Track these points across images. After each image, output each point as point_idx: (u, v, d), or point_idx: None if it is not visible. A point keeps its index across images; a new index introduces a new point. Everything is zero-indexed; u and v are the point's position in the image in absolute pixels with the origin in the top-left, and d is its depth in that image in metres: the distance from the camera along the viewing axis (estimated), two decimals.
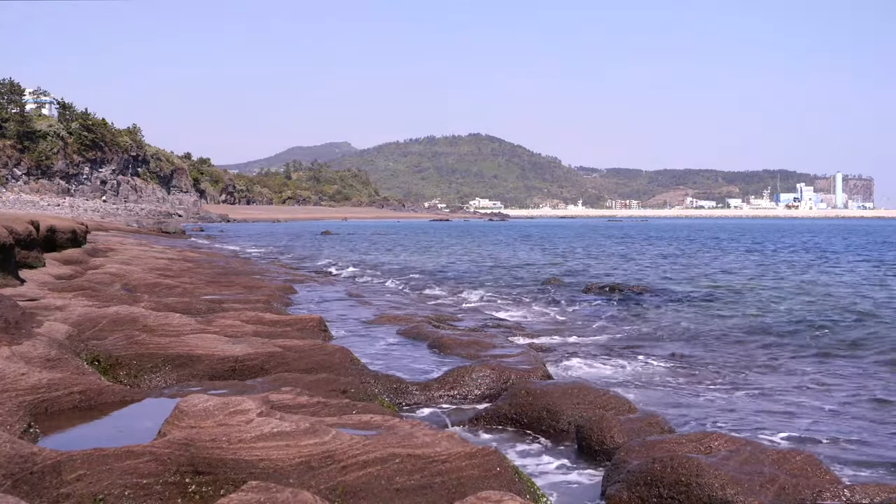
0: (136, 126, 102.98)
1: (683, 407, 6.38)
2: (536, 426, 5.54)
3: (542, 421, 5.56)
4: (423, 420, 5.39)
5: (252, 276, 16.06)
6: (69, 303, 8.22)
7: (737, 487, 3.91)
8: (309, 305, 12.07)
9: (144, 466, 3.40)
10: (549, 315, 11.85)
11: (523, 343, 9.17)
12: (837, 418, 6.11)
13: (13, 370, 4.50)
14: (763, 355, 8.60)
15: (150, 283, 12.03)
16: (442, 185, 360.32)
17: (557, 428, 5.48)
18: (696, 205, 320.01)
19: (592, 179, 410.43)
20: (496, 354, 7.66)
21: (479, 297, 14.59)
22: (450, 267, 22.89)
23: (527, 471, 4.35)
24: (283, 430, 3.70)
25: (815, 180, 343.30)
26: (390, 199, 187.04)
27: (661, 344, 9.35)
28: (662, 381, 7.34)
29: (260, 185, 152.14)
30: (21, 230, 10.98)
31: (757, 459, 4.14)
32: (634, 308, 12.67)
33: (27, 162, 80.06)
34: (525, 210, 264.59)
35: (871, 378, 7.57)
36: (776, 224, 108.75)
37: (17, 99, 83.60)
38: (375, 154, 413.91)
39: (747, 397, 6.80)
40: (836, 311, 12.35)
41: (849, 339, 9.64)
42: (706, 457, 4.23)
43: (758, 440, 4.96)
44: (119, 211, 70.86)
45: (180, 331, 7.10)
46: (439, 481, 3.55)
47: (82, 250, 15.98)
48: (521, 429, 5.54)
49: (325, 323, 9.09)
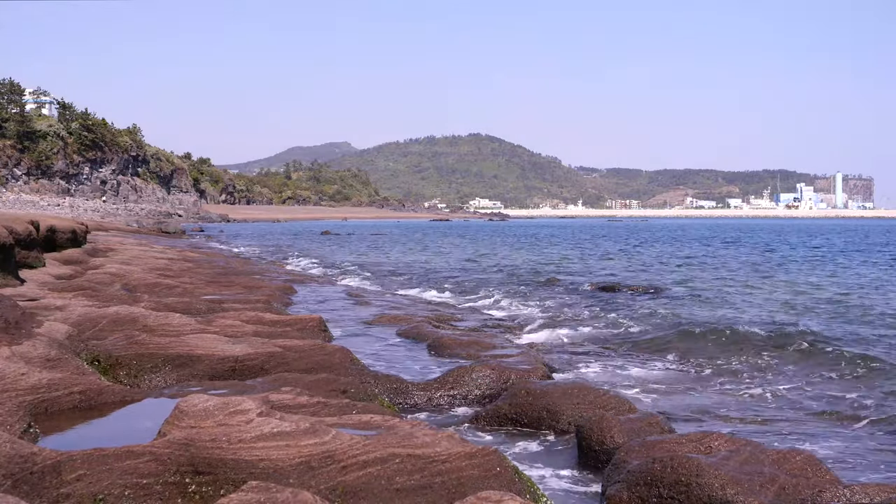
0: (136, 126, 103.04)
1: (684, 407, 6.38)
2: (536, 426, 5.54)
3: (542, 421, 5.56)
4: (423, 420, 5.39)
5: (252, 276, 16.06)
6: (69, 303, 8.22)
7: (737, 487, 3.91)
8: (309, 305, 12.07)
9: (144, 466, 3.40)
10: (550, 314, 11.84)
11: (524, 343, 9.17)
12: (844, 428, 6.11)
13: (13, 370, 4.50)
14: (768, 357, 8.58)
15: (150, 283, 12.03)
16: (442, 185, 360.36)
17: (557, 428, 5.48)
18: (696, 205, 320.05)
19: (592, 179, 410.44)
20: (496, 354, 7.67)
21: (479, 296, 14.60)
22: (450, 267, 22.90)
23: (526, 471, 4.34)
24: (283, 430, 3.70)
25: (815, 180, 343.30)
26: (390, 199, 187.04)
27: (661, 344, 9.34)
28: (663, 381, 7.34)
29: (260, 185, 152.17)
30: (21, 230, 10.98)
31: (757, 459, 4.14)
32: (635, 308, 12.67)
33: (27, 162, 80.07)
34: (525, 210, 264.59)
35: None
36: (777, 224, 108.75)
37: (17, 99, 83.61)
38: (375, 154, 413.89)
39: (749, 399, 6.80)
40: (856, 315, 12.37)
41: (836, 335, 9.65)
42: (706, 457, 4.23)
43: (758, 441, 4.96)
44: (119, 211, 70.87)
45: (180, 331, 7.10)
46: (439, 481, 3.54)
47: (82, 250, 15.99)
48: (521, 428, 5.54)
49: (325, 323, 9.09)
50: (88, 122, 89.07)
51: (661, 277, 18.97)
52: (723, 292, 15.34)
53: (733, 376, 7.67)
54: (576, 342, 9.51)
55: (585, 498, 4.33)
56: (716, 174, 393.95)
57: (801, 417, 6.17)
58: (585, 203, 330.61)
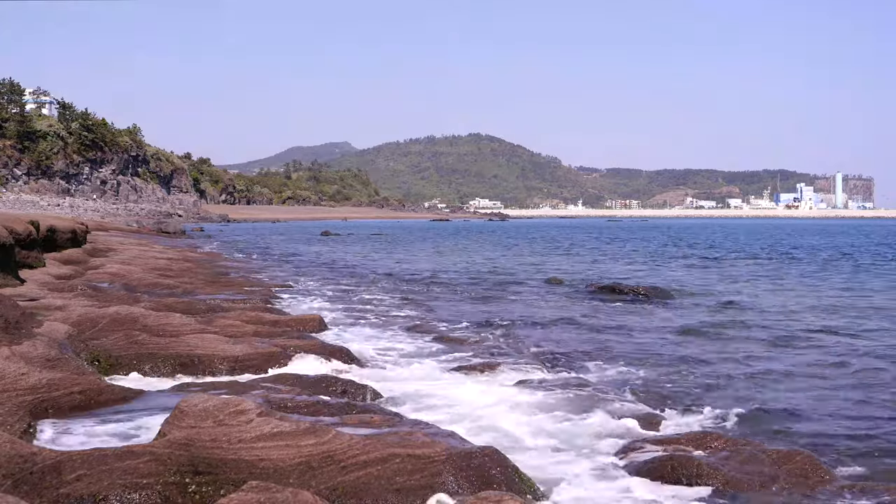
0: (136, 126, 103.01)
1: (686, 407, 6.37)
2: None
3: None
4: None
5: (252, 275, 16.07)
6: (69, 303, 8.22)
7: (737, 487, 3.91)
8: (309, 305, 12.07)
9: (144, 466, 3.40)
10: (550, 314, 11.84)
11: (523, 342, 9.17)
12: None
13: (13, 370, 4.50)
14: (773, 360, 8.57)
15: (150, 283, 12.04)
16: (442, 185, 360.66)
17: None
18: (696, 205, 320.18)
19: (592, 179, 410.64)
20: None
21: (479, 296, 14.59)
22: (449, 267, 22.90)
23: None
24: (283, 431, 3.70)
25: (815, 180, 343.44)
26: (390, 200, 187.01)
27: (662, 344, 9.34)
28: (663, 381, 7.33)
29: (260, 185, 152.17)
30: (21, 230, 10.98)
31: (757, 459, 4.15)
32: (635, 308, 12.67)
33: (27, 162, 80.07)
34: (525, 210, 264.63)
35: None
36: (779, 224, 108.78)
37: (17, 99, 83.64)
38: (375, 154, 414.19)
39: (751, 400, 6.79)
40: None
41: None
42: (706, 456, 4.23)
43: (758, 441, 4.95)
44: (119, 211, 70.88)
45: (180, 331, 7.11)
46: (439, 481, 3.55)
47: (82, 250, 15.99)
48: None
49: (325, 322, 9.10)
50: (88, 122, 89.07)
51: (664, 279, 18.95)
52: (725, 295, 15.33)
53: (738, 378, 7.66)
54: (576, 340, 9.49)
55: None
56: (716, 174, 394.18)
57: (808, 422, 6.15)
58: (585, 203, 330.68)
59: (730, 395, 6.50)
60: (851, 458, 4.75)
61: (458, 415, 5.37)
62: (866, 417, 5.80)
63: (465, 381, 6.46)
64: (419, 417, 4.91)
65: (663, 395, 6.48)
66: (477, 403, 5.69)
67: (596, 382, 6.75)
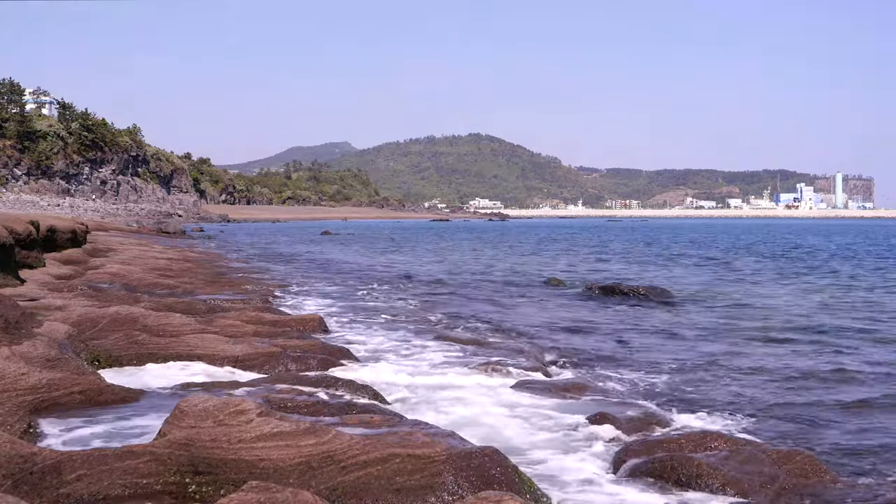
0: (136, 126, 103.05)
1: (686, 407, 6.37)
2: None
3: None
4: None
5: (252, 275, 16.08)
6: (69, 303, 8.22)
7: (737, 487, 3.91)
8: (309, 305, 12.06)
9: (144, 466, 3.40)
10: (551, 314, 11.84)
11: (524, 342, 9.16)
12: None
13: (13, 370, 4.50)
14: (773, 359, 8.57)
15: (150, 283, 12.04)
16: (442, 185, 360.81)
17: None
18: (696, 205, 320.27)
19: (592, 179, 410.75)
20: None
21: (479, 296, 14.59)
22: (449, 267, 22.90)
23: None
24: (282, 431, 3.70)
25: (815, 180, 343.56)
26: (390, 200, 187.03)
27: (662, 344, 9.34)
28: (663, 381, 7.33)
29: (260, 185, 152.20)
30: (21, 230, 10.98)
31: (757, 459, 4.14)
32: (635, 308, 12.68)
33: (27, 162, 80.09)
34: (525, 210, 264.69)
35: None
36: (780, 224, 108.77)
37: (17, 99, 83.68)
38: (375, 154, 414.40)
39: (751, 400, 6.79)
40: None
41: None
42: (706, 456, 4.23)
43: (758, 441, 4.96)
44: (119, 211, 70.88)
45: (180, 331, 7.11)
46: (439, 481, 3.54)
47: (82, 250, 15.99)
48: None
49: (325, 322, 9.10)
50: (88, 122, 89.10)
51: (664, 279, 18.95)
52: (724, 296, 15.32)
53: (739, 379, 7.66)
54: (575, 340, 9.49)
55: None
56: (716, 174, 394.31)
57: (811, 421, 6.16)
58: (585, 203, 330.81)
59: (730, 395, 6.50)
60: (852, 458, 4.76)
61: (458, 415, 5.38)
62: (867, 417, 5.80)
63: (467, 381, 6.46)
64: (419, 417, 4.91)
65: (663, 394, 6.48)
66: (478, 403, 5.69)
67: (596, 382, 6.76)
